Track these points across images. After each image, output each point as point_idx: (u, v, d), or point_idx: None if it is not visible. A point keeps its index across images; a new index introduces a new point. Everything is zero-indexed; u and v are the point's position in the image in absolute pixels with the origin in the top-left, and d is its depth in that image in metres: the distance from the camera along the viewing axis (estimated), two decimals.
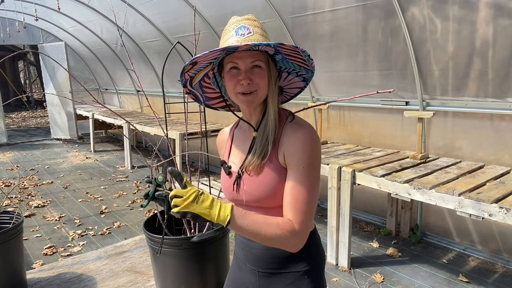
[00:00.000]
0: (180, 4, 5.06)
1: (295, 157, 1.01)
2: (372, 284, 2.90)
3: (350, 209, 3.06)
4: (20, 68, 20.40)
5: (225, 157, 1.20)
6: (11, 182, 5.82)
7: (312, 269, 1.10)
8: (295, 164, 1.01)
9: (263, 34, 1.07)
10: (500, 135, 3.03)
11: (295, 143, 1.02)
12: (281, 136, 1.06)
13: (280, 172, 1.04)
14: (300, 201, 1.00)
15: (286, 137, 1.04)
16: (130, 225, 4.16)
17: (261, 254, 1.12)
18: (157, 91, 7.33)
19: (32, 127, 12.21)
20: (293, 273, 1.09)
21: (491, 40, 2.86)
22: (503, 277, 2.95)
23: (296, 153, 1.01)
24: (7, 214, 1.72)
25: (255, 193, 1.07)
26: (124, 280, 1.73)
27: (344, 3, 3.54)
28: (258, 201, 1.08)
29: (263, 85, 1.04)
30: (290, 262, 1.09)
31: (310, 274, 1.09)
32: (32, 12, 5.63)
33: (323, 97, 4.33)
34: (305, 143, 1.01)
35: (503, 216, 2.19)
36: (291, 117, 1.09)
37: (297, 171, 1.01)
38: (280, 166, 1.05)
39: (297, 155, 1.01)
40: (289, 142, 1.03)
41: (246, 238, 1.14)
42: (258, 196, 1.07)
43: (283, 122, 1.08)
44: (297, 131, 1.03)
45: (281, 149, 1.05)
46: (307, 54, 1.02)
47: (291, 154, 1.02)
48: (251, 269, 1.15)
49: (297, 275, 1.09)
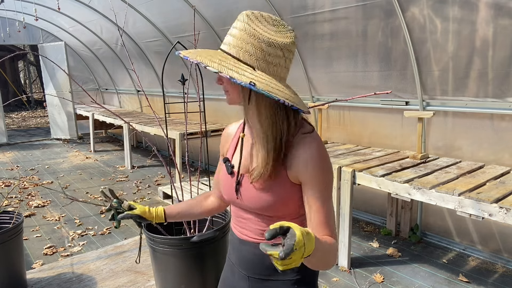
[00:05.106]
0: (180, 4, 5.06)
1: (314, 178, 0.96)
2: (372, 284, 2.90)
3: (350, 209, 3.06)
4: (20, 68, 20.39)
5: (228, 154, 1.16)
6: (11, 182, 5.82)
7: (304, 278, 1.07)
8: (317, 185, 0.97)
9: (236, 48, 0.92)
10: (500, 135, 3.03)
11: (313, 163, 0.96)
12: (291, 149, 0.99)
13: (289, 189, 1.00)
14: (330, 217, 0.98)
15: (298, 151, 0.97)
16: (130, 225, 4.16)
17: (252, 260, 1.09)
18: (157, 91, 7.33)
19: (32, 127, 12.21)
20: (283, 281, 1.06)
21: (491, 40, 2.86)
22: (503, 277, 2.95)
23: (316, 174, 0.96)
24: (7, 214, 1.72)
25: (251, 205, 1.05)
26: (124, 280, 1.72)
27: (344, 3, 3.54)
28: (256, 212, 1.06)
29: (231, 89, 0.98)
30: None
31: (301, 284, 1.06)
32: (32, 12, 5.63)
33: (323, 97, 4.33)
34: (321, 161, 0.97)
35: (503, 216, 2.19)
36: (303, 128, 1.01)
37: (320, 191, 0.97)
38: (290, 182, 1.00)
39: (317, 176, 0.96)
40: (302, 158, 0.97)
41: (239, 241, 1.13)
42: (258, 209, 1.04)
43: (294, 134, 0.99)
44: (310, 148, 0.97)
45: (292, 165, 0.98)
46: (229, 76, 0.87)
47: (310, 175, 0.97)
48: (243, 274, 1.13)
49: (288, 284, 1.06)
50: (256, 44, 0.90)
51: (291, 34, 0.94)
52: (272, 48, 0.90)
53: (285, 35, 0.93)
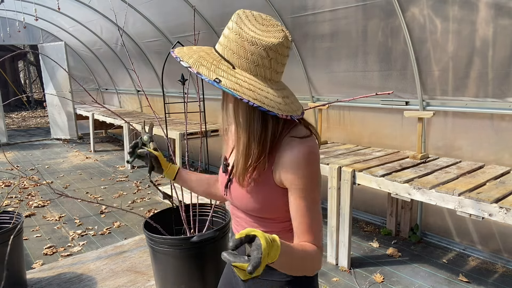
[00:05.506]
0: (180, 4, 5.06)
1: (297, 183, 0.94)
2: (372, 284, 2.90)
3: (350, 209, 3.06)
4: (20, 68, 20.39)
5: (228, 152, 1.15)
6: (11, 182, 5.82)
7: (296, 280, 1.04)
8: (300, 190, 0.94)
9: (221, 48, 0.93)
10: (500, 135, 3.03)
11: (296, 167, 0.93)
12: (277, 153, 0.96)
13: (275, 192, 0.98)
14: (313, 223, 0.96)
15: (282, 154, 0.94)
16: (130, 225, 4.16)
17: None
18: (157, 91, 7.33)
19: (32, 127, 12.21)
20: (274, 281, 1.05)
21: (491, 40, 2.86)
22: (503, 277, 2.95)
23: (299, 178, 0.93)
24: (7, 214, 1.72)
25: (240, 205, 1.05)
26: (124, 280, 1.72)
27: (344, 3, 3.54)
28: (246, 212, 1.06)
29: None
30: (273, 269, 1.01)
31: (297, 283, 1.04)
32: (32, 12, 5.64)
33: (323, 97, 4.33)
34: (307, 166, 0.93)
35: (503, 216, 2.19)
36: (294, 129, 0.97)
37: (303, 197, 0.95)
38: (275, 185, 0.98)
39: (299, 181, 0.93)
40: (285, 162, 0.94)
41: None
42: (245, 209, 1.04)
43: (283, 135, 0.97)
44: (296, 151, 0.93)
45: (276, 167, 0.96)
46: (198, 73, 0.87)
47: (292, 179, 0.94)
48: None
49: (279, 284, 1.05)
50: (239, 43, 0.89)
51: (279, 35, 0.90)
52: (255, 47, 0.88)
53: (273, 35, 0.90)
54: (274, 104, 0.89)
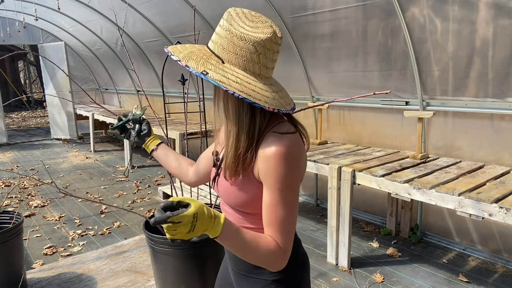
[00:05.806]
0: (180, 4, 5.06)
1: (268, 176, 0.93)
2: (372, 284, 2.90)
3: (350, 209, 3.06)
4: (20, 68, 20.40)
5: (219, 147, 1.15)
6: (11, 182, 5.82)
7: (283, 279, 1.04)
8: (270, 184, 0.94)
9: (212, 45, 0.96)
10: (500, 135, 3.03)
11: (269, 160, 0.93)
12: (259, 147, 0.96)
13: (258, 188, 0.98)
14: (280, 222, 0.94)
15: (261, 150, 0.95)
16: (130, 225, 4.16)
17: (233, 254, 1.09)
18: (157, 91, 7.33)
19: (32, 127, 12.21)
20: (260, 280, 1.05)
21: (491, 40, 2.86)
22: (503, 277, 2.95)
23: (270, 172, 0.93)
24: (7, 214, 1.72)
25: (227, 200, 1.05)
26: (124, 280, 1.72)
27: (344, 3, 3.54)
28: (233, 207, 1.06)
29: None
30: (259, 268, 1.04)
31: (279, 284, 1.04)
32: (32, 12, 5.63)
33: (323, 97, 4.33)
34: (280, 160, 0.92)
35: (503, 216, 2.19)
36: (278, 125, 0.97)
37: (273, 192, 0.94)
38: (256, 180, 0.98)
39: (270, 174, 0.93)
40: (261, 156, 0.94)
41: None
42: (231, 204, 1.05)
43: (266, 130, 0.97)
44: (272, 145, 0.93)
45: (256, 162, 0.96)
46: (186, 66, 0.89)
47: (264, 173, 0.94)
48: (230, 267, 1.16)
49: (265, 283, 1.04)
50: (229, 38, 0.91)
51: (268, 30, 0.92)
52: (244, 42, 0.90)
53: (261, 31, 0.92)
54: (261, 97, 0.91)
